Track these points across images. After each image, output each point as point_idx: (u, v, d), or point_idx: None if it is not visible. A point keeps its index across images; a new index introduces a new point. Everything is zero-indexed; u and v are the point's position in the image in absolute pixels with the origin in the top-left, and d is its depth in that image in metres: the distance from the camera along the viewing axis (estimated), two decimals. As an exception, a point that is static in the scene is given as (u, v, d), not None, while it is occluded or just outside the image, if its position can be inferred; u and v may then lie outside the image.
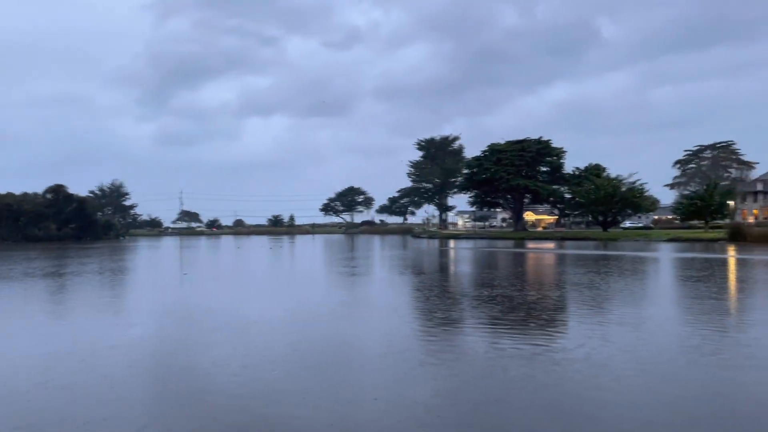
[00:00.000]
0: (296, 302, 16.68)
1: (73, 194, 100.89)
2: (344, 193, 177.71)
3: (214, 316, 14.00)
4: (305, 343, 10.78)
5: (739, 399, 7.20)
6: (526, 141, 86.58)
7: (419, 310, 14.63)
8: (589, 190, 79.09)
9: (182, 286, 22.90)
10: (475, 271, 27.49)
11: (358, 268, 29.83)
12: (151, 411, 7.10)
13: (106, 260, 39.22)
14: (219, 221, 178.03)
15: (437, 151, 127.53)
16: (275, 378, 8.33)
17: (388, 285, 21.47)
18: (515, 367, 8.68)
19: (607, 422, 6.43)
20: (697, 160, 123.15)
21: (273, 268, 32.74)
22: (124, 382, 8.26)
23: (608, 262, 31.06)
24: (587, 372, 8.34)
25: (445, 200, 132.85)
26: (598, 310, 14.15)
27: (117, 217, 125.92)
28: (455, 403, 7.09)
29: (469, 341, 10.62)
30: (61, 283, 23.07)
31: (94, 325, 13.25)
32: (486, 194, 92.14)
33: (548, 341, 10.50)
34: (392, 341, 10.71)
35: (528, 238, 76.35)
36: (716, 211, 72.20)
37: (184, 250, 58.73)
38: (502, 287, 19.14)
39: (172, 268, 33.87)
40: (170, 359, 9.77)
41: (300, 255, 46.15)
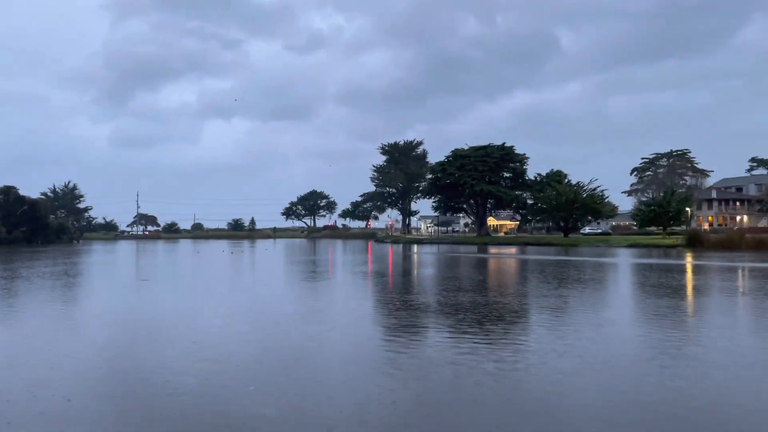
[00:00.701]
0: (254, 309, 15.95)
1: (25, 196, 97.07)
2: (306, 197, 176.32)
3: (167, 325, 13.20)
4: (262, 350, 10.42)
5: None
6: (490, 147, 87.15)
7: (380, 319, 14.11)
8: (551, 196, 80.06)
9: (139, 292, 21.85)
10: (443, 276, 27.11)
11: (320, 274, 29.15)
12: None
13: (58, 265, 37.49)
14: (177, 225, 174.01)
15: (401, 156, 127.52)
16: (233, 386, 8.03)
17: (351, 292, 20.89)
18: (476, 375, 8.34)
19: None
20: (653, 168, 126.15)
21: (232, 274, 31.77)
22: (73, 396, 7.69)
23: (576, 268, 31.11)
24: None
25: (409, 205, 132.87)
26: (565, 315, 13.87)
27: (71, 220, 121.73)
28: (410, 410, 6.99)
29: (432, 349, 10.13)
30: (8, 289, 21.72)
31: (42, 336, 12.27)
32: (450, 199, 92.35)
33: (519, 352, 10.10)
34: (352, 349, 10.38)
35: (491, 243, 76.75)
36: (674, 218, 73.90)
37: (141, 255, 56.89)
38: (477, 294, 18.75)
39: (129, 273, 32.56)
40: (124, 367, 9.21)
41: (260, 261, 45.08)
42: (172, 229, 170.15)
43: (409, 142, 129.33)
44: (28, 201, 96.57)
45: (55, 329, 13.25)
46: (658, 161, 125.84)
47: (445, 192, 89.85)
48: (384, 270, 31.92)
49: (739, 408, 6.98)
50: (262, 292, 21.31)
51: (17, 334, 12.82)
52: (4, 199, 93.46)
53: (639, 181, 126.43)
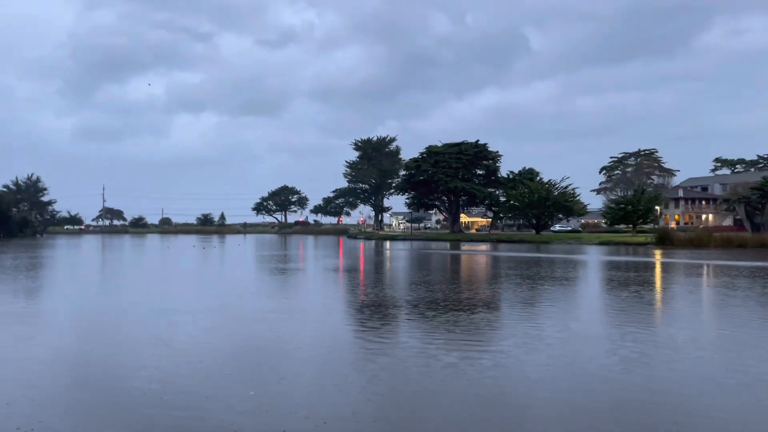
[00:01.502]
0: (225, 307, 15.45)
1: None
2: (277, 192, 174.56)
3: (135, 323, 12.65)
4: (232, 347, 10.14)
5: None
6: (464, 144, 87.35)
7: (352, 317, 13.77)
8: (524, 193, 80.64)
9: (104, 287, 21.10)
10: (417, 274, 26.88)
11: (291, 272, 28.67)
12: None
13: (22, 259, 36.21)
14: (145, 219, 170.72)
15: (374, 152, 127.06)
16: (198, 383, 7.91)
17: (324, 288, 20.50)
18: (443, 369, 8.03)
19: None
20: (621, 167, 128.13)
21: (202, 270, 31.05)
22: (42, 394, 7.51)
23: (555, 265, 31.22)
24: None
25: (382, 201, 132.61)
26: (542, 311, 13.73)
27: (34, 213, 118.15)
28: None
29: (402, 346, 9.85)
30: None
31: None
32: (423, 196, 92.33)
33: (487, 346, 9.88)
34: (322, 345, 10.22)
35: (464, 239, 76.99)
36: (643, 216, 75.11)
37: (110, 250, 55.47)
38: (455, 294, 18.53)
39: (98, 269, 31.58)
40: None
41: (233, 256, 44.28)
42: (139, 224, 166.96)
43: (382, 138, 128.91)
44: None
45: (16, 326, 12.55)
46: (626, 160, 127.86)
47: (418, 188, 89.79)
48: (357, 266, 31.56)
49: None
50: (235, 289, 20.76)
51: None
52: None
53: (608, 179, 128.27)
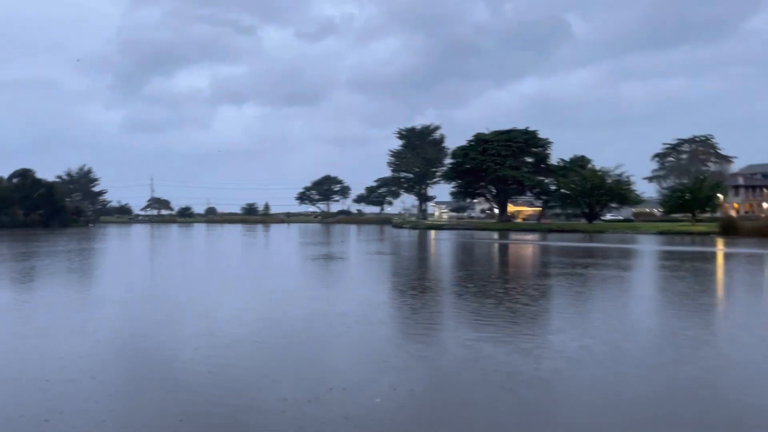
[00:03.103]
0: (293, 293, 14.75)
1: (41, 179, 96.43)
2: (320, 181, 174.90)
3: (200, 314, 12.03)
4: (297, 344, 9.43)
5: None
6: (513, 131, 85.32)
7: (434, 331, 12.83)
8: (576, 181, 78.23)
9: (180, 274, 20.75)
10: (501, 267, 25.81)
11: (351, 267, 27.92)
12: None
13: (94, 250, 36.57)
14: (191, 209, 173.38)
15: (418, 141, 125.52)
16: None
17: (421, 282, 19.62)
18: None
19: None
20: (675, 154, 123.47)
21: (265, 261, 30.63)
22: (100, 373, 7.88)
23: (632, 257, 29.74)
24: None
25: (425, 190, 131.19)
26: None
27: (86, 203, 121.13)
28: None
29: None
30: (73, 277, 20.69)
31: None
32: (470, 184, 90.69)
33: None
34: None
35: (514, 229, 75.34)
36: (703, 205, 71.99)
37: (166, 240, 55.98)
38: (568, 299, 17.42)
39: (165, 259, 31.53)
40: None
41: (283, 248, 43.89)
42: (185, 214, 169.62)
43: (426, 126, 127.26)
44: (44, 184, 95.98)
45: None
46: (680, 147, 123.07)
47: (466, 177, 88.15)
48: (431, 261, 30.66)
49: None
50: (300, 282, 20.11)
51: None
52: (21, 182, 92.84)
53: (660, 167, 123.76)
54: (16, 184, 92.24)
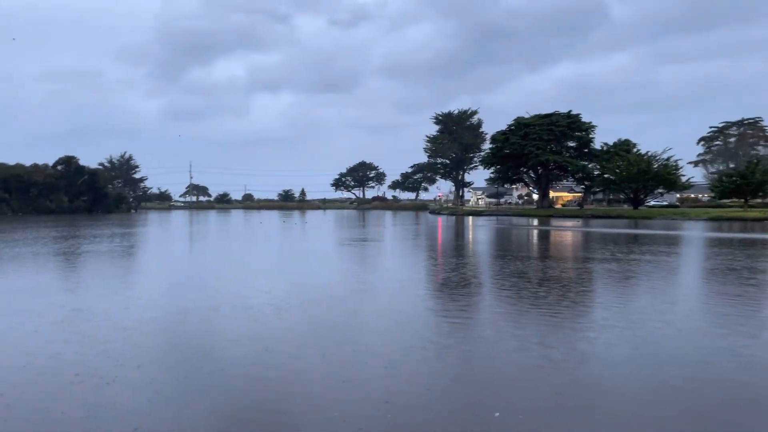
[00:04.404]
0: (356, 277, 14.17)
1: (85, 166, 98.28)
2: (356, 168, 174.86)
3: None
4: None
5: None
6: (555, 115, 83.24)
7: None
8: (621, 166, 76.11)
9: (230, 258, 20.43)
10: (557, 256, 24.86)
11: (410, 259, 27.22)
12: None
13: (148, 237, 36.77)
14: (229, 195, 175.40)
15: (455, 126, 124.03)
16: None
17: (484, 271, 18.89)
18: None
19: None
20: (722, 137, 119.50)
21: (309, 246, 30.21)
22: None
23: (700, 246, 28.45)
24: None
25: (462, 176, 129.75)
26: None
27: (127, 189, 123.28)
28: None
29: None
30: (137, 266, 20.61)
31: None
32: (510, 170, 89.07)
33: None
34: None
35: (556, 215, 73.74)
36: (757, 190, 69.32)
37: (208, 225, 56.27)
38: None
39: (215, 245, 31.42)
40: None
41: (327, 233, 43.50)
42: (223, 200, 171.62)
43: (463, 111, 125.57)
44: (87, 171, 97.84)
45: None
46: (728, 130, 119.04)
47: (505, 162, 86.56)
48: (487, 247, 29.83)
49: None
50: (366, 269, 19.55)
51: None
52: (65, 169, 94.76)
53: (707, 150, 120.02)
54: (61, 172, 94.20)
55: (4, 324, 9.75)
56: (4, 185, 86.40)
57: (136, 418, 5.56)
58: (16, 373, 7.01)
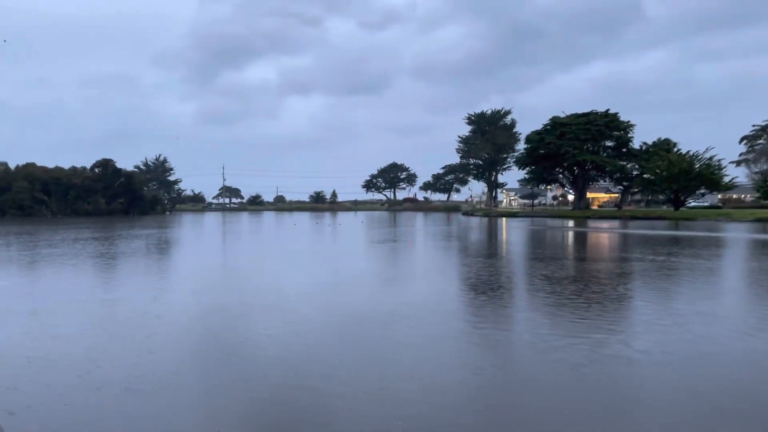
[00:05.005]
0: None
1: (121, 169, 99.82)
2: (387, 169, 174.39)
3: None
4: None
5: None
6: (592, 114, 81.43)
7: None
8: (661, 166, 74.01)
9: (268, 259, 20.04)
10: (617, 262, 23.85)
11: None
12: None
13: (196, 240, 36.83)
14: (261, 197, 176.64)
15: (488, 126, 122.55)
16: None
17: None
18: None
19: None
20: (766, 136, 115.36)
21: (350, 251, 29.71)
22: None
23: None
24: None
25: (495, 177, 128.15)
26: None
27: (162, 191, 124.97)
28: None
29: None
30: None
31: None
32: (545, 170, 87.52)
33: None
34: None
35: (594, 216, 72.02)
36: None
37: (245, 227, 56.38)
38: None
39: (256, 245, 31.23)
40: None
41: (362, 234, 42.98)
42: (256, 202, 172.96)
43: (496, 111, 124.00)
44: (124, 173, 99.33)
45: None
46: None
47: (541, 162, 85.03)
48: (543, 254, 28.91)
49: None
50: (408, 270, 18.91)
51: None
52: (102, 172, 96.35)
53: (750, 150, 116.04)
54: (99, 174, 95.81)
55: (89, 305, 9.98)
56: (43, 188, 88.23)
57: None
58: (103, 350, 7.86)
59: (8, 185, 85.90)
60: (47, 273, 17.15)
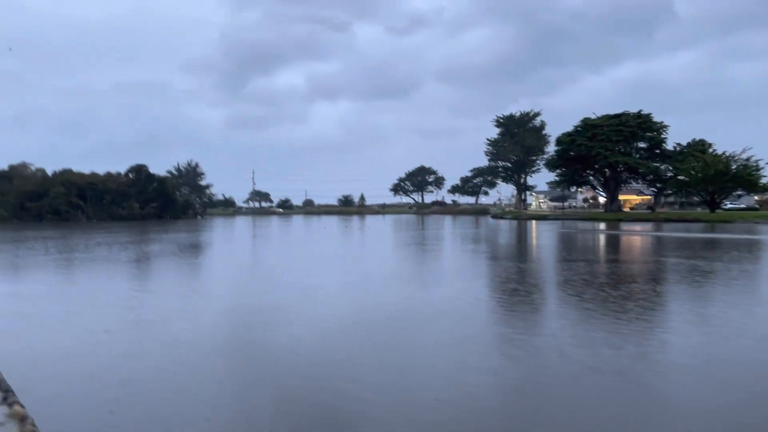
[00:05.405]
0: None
1: (154, 174, 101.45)
2: (415, 172, 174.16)
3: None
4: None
5: None
6: (624, 115, 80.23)
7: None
8: (696, 167, 72.54)
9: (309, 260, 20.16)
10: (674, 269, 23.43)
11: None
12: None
13: (237, 244, 37.30)
14: (290, 201, 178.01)
15: (517, 128, 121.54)
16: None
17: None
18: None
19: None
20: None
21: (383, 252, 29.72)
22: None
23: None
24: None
25: (525, 179, 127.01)
26: None
27: (194, 196, 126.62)
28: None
29: None
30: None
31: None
32: (576, 172, 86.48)
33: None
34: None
35: (627, 219, 70.84)
36: None
37: (279, 230, 56.86)
38: None
39: (297, 247, 31.51)
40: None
41: (392, 236, 42.96)
42: (285, 205, 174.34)
43: (525, 113, 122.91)
44: (157, 178, 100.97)
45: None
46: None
47: (572, 164, 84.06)
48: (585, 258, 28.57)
49: None
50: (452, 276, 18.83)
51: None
52: (136, 177, 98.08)
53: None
54: (132, 180, 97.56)
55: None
56: (79, 193, 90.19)
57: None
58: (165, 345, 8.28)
59: (46, 191, 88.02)
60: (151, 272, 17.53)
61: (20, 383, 6.23)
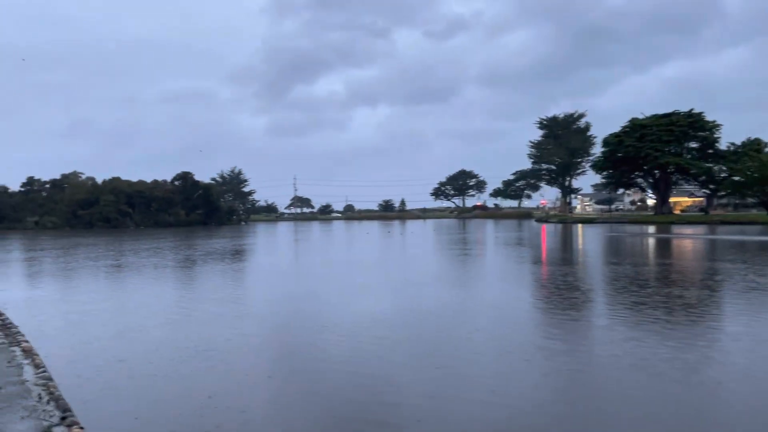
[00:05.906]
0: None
1: (199, 181, 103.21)
2: (456, 176, 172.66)
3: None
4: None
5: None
6: (674, 114, 77.56)
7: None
8: (752, 167, 69.45)
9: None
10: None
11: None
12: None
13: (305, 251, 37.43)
14: (331, 206, 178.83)
15: (561, 130, 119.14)
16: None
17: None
18: None
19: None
20: None
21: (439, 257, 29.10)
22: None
23: None
24: None
25: (570, 182, 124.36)
26: None
27: (237, 202, 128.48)
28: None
29: None
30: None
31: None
32: (624, 174, 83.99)
33: None
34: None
35: (680, 222, 68.35)
36: None
37: (323, 236, 56.89)
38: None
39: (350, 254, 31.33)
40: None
41: (435, 242, 42.25)
42: (326, 211, 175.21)
43: (569, 114, 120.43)
44: (202, 186, 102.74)
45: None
46: None
47: (619, 166, 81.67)
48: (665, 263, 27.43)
49: None
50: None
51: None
52: (182, 184, 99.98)
53: None
54: (178, 187, 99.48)
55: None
56: (128, 201, 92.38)
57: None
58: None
59: (96, 199, 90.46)
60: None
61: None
